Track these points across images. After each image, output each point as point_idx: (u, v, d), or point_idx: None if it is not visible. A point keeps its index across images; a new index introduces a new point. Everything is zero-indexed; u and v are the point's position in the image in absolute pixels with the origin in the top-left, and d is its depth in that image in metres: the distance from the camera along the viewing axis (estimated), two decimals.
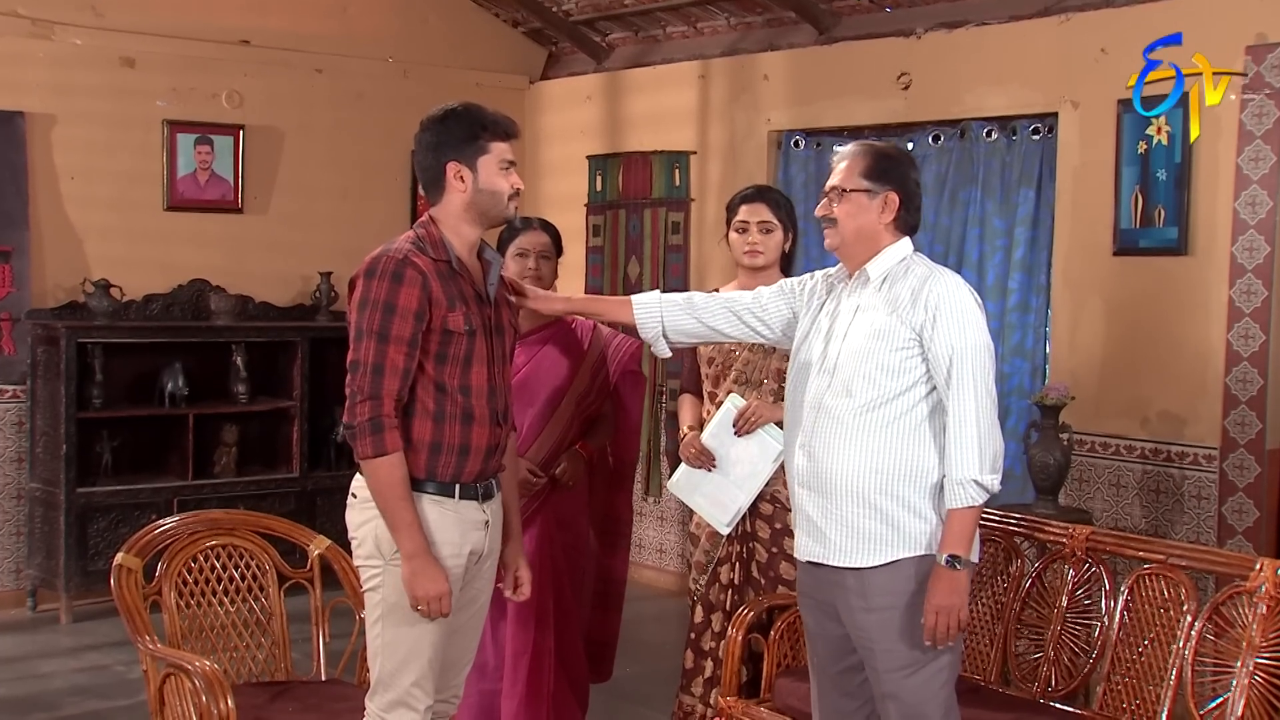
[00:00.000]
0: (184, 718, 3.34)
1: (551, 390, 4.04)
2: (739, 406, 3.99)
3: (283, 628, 3.86)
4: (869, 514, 3.03)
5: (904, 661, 3.03)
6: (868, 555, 3.04)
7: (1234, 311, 4.75)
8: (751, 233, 4.07)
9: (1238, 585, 3.49)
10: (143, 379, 6.43)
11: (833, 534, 3.07)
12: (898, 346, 3.04)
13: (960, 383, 3.00)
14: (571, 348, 4.12)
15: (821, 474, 3.08)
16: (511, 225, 4.15)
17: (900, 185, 3.15)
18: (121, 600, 3.54)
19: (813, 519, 3.12)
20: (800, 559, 3.21)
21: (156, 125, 6.55)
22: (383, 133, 7.13)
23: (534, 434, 4.02)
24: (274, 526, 3.95)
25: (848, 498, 3.05)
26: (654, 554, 7.00)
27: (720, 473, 4.01)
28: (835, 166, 3.19)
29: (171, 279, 6.58)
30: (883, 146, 3.22)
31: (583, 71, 7.44)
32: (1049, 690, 3.77)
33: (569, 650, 4.09)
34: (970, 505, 2.99)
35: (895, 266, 3.13)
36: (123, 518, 6.11)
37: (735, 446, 3.99)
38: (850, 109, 6.09)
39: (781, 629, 3.89)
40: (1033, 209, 5.46)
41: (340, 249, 6.99)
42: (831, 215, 3.16)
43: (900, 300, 3.07)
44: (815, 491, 3.10)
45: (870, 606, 3.04)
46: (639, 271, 7.02)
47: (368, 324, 3.03)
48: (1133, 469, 5.07)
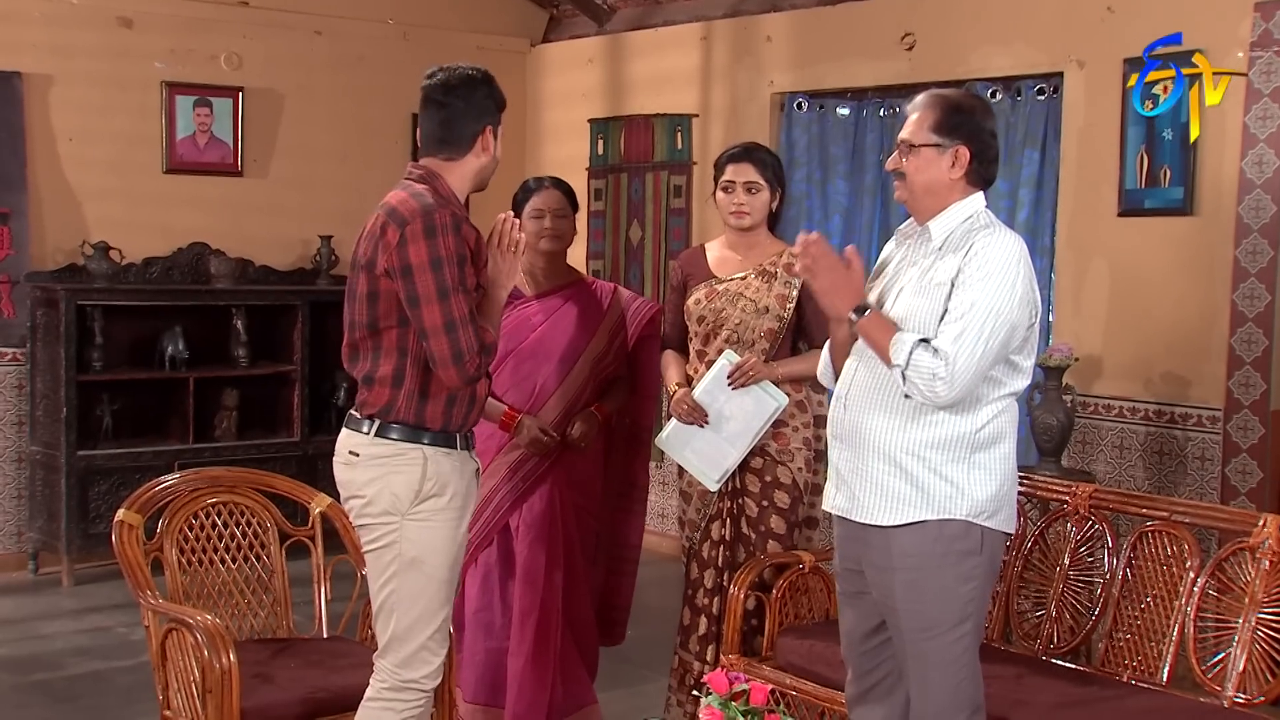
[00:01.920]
0: (186, 673, 3.36)
1: (567, 350, 4.03)
2: (734, 361, 3.99)
3: (284, 585, 3.87)
4: (895, 473, 2.98)
5: (925, 624, 2.99)
6: (892, 513, 2.99)
7: (1239, 272, 4.74)
8: (737, 193, 4.07)
9: (1241, 541, 3.51)
10: (143, 342, 6.44)
11: (859, 490, 3.04)
12: (938, 305, 2.94)
13: (965, 333, 2.86)
14: (590, 308, 4.11)
15: (853, 428, 3.05)
16: (525, 186, 4.15)
17: (972, 138, 3.02)
18: (123, 556, 3.55)
19: (842, 473, 3.09)
20: (827, 510, 3.19)
21: (155, 87, 6.53)
22: (383, 95, 7.11)
23: (547, 393, 4.02)
24: (275, 484, 3.96)
25: (875, 455, 3.01)
26: (656, 519, 7.01)
27: (712, 429, 4.01)
28: (908, 117, 3.08)
29: (171, 242, 6.58)
30: (955, 97, 3.09)
31: (584, 34, 7.41)
32: (1051, 647, 3.78)
33: (577, 612, 4.10)
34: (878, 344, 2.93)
35: (960, 225, 3.02)
36: (123, 481, 6.11)
37: (729, 402, 3.99)
38: (853, 70, 6.07)
39: (784, 587, 3.91)
40: (1037, 170, 5.45)
41: (340, 212, 6.98)
42: (901, 169, 3.06)
43: (954, 257, 2.98)
44: (846, 445, 3.07)
45: (893, 566, 3.00)
46: (641, 235, 7.01)
47: (452, 280, 3.03)
48: (1136, 431, 5.07)
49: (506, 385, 4.03)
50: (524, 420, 3.97)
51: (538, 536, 3.98)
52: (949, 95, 3.08)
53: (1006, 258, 2.93)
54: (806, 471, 4.06)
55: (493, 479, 4.03)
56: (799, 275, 3.11)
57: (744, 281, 4.07)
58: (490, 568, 4.07)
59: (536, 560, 3.97)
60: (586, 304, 4.11)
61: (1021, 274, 2.95)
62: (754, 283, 4.06)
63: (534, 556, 3.98)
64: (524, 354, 4.04)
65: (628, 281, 7.00)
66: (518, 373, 4.04)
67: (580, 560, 4.11)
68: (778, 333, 4.03)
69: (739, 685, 2.69)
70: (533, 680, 3.93)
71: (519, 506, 4.02)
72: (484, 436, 4.05)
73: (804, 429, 4.06)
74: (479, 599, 4.08)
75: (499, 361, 4.03)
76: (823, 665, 3.68)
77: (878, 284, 3.18)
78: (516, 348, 4.04)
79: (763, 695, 2.67)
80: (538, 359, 4.02)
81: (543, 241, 4.06)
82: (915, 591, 2.99)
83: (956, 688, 3.01)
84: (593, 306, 4.12)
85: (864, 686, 3.21)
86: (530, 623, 3.96)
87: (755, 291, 4.05)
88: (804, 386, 4.07)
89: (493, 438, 4.03)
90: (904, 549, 2.99)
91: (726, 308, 4.06)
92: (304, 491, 3.96)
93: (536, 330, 4.05)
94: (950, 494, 2.96)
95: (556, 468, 4.02)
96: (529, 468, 4.01)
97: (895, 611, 3.03)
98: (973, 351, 2.87)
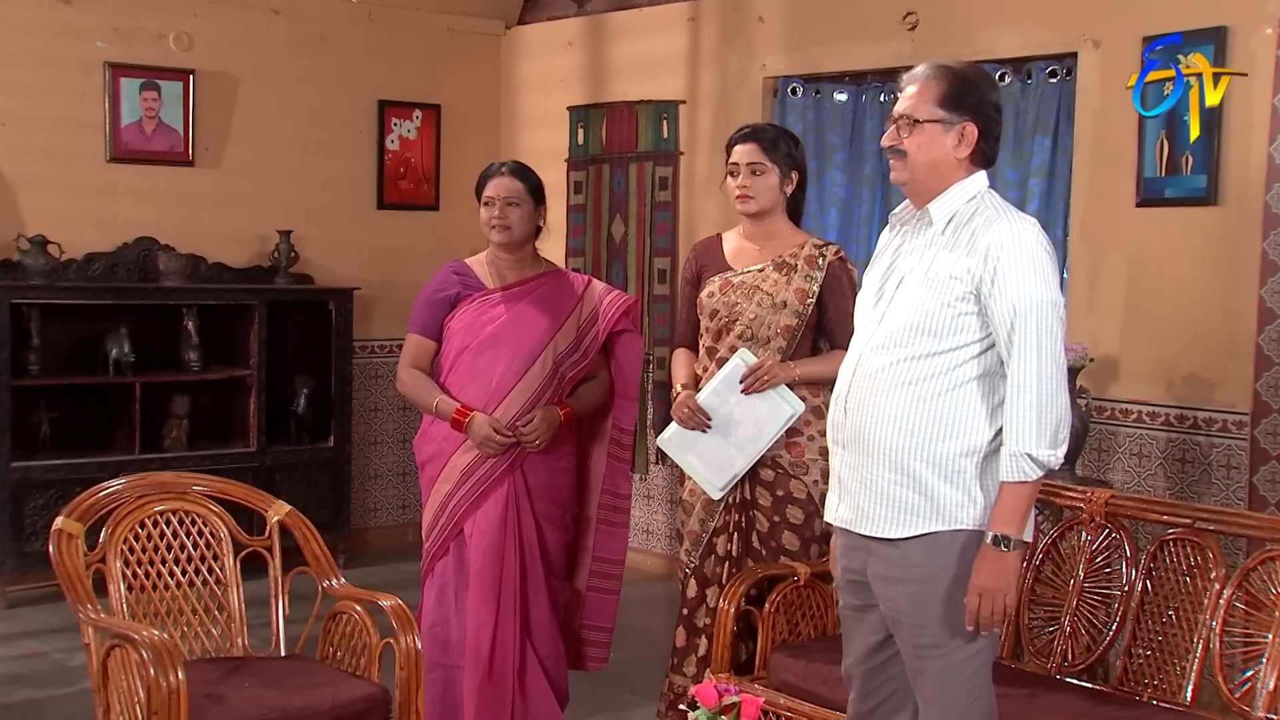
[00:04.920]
0: (130, 694, 3.33)
1: (527, 343, 4.03)
2: (750, 362, 3.98)
3: (238, 600, 3.86)
4: (904, 482, 2.96)
5: (933, 640, 2.97)
6: (898, 525, 2.98)
7: (1267, 265, 4.76)
8: (742, 175, 4.07)
9: (1270, 550, 3.52)
10: (84, 345, 6.42)
11: (864, 500, 3.02)
12: (952, 301, 2.94)
13: (1023, 344, 2.89)
14: (557, 301, 4.11)
15: (856, 432, 3.03)
16: (485, 170, 4.16)
17: (980, 114, 2.99)
18: (61, 568, 3.52)
19: (845, 481, 3.08)
20: (829, 521, 3.18)
21: (97, 68, 6.51)
22: (347, 79, 7.12)
23: (504, 390, 4.01)
24: (229, 491, 3.94)
25: (881, 460, 2.98)
26: (640, 535, 7.01)
27: (719, 433, 4.00)
28: (903, 90, 3.03)
29: (115, 237, 6.56)
30: (961, 68, 3.06)
31: (563, 15, 7.42)
32: (1065, 665, 3.79)
33: (541, 629, 4.08)
34: (1023, 480, 2.89)
35: (963, 207, 3.00)
36: (62, 494, 6.05)
37: (740, 405, 3.98)
38: (852, 52, 6.09)
39: (777, 601, 3.91)
40: (1049, 158, 5.47)
41: (300, 205, 7.00)
42: (900, 147, 3.01)
43: (960, 247, 2.95)
44: (849, 450, 3.05)
45: (900, 576, 2.99)
46: (624, 231, 7.02)
47: None
48: (1156, 437, 5.09)
49: (462, 382, 4.04)
50: (475, 417, 3.97)
51: (492, 545, 3.97)
52: (954, 66, 3.06)
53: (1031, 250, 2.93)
54: (824, 484, 4.04)
55: (447, 483, 4.03)
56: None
57: (761, 274, 4.07)
58: (446, 579, 4.08)
59: (490, 571, 3.97)
60: (554, 296, 4.12)
61: (1050, 263, 2.97)
62: (771, 275, 4.06)
63: (488, 567, 3.97)
64: (480, 347, 4.04)
65: (610, 280, 7.00)
66: (474, 367, 4.04)
67: (543, 572, 4.09)
68: (796, 330, 4.02)
69: (729, 698, 2.69)
70: (490, 701, 3.92)
71: (473, 513, 4.02)
72: (440, 437, 4.05)
73: (820, 438, 4.01)
74: (434, 612, 4.08)
75: (454, 357, 4.04)
76: (819, 684, 3.69)
77: (874, 275, 3.17)
78: (472, 341, 4.04)
79: (755, 708, 2.67)
80: (495, 352, 4.02)
81: (492, 233, 4.08)
82: (924, 605, 2.97)
83: (969, 709, 3.01)
84: (561, 298, 4.12)
85: (867, 707, 3.20)
86: (485, 640, 3.95)
87: (773, 285, 4.04)
88: (823, 391, 4.05)
89: (448, 438, 4.04)
90: (913, 560, 2.98)
91: (741, 302, 4.06)
92: (261, 498, 3.95)
93: (495, 323, 4.05)
94: (962, 502, 2.95)
95: (513, 472, 4.02)
96: (484, 471, 4.01)
97: (903, 625, 3.02)
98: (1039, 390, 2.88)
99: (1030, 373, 2.88)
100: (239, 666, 3.69)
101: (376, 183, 7.31)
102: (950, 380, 2.96)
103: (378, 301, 7.12)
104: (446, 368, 4.09)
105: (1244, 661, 3.53)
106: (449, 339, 4.09)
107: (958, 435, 2.95)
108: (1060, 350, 2.93)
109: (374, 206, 7.32)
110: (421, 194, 7.44)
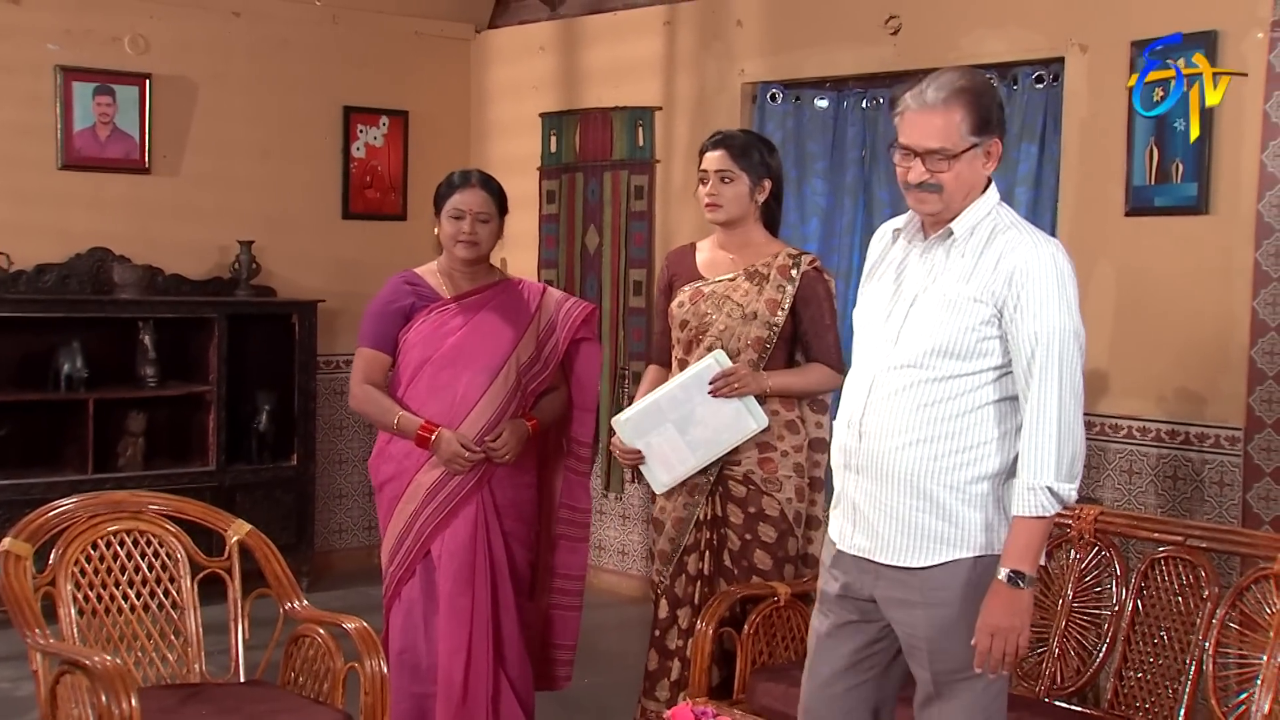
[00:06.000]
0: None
1: (490, 356, 4.04)
2: (724, 365, 3.98)
3: (196, 624, 3.83)
4: (924, 506, 2.94)
5: (956, 665, 2.95)
6: (923, 554, 2.95)
7: (1260, 276, 4.78)
8: (711, 183, 4.08)
9: (1264, 568, 3.53)
10: (34, 360, 6.37)
11: (883, 527, 2.99)
12: (976, 325, 2.92)
13: (1044, 374, 2.87)
14: (516, 310, 4.12)
15: (873, 459, 2.99)
16: (450, 180, 4.15)
17: (1002, 127, 2.98)
18: (8, 590, 3.50)
19: (859, 507, 3.03)
20: (840, 548, 3.10)
21: (48, 72, 6.47)
22: (310, 84, 7.10)
23: (469, 404, 4.01)
24: (187, 510, 3.93)
25: (901, 486, 2.96)
26: (615, 556, 6.99)
27: (676, 428, 4.01)
28: (923, 120, 2.92)
29: (68, 247, 6.52)
30: (978, 84, 2.97)
31: (535, 18, 7.43)
32: (1054, 688, 3.79)
33: (512, 652, 4.08)
34: (1040, 515, 2.87)
35: (982, 221, 2.97)
36: (10, 516, 5.97)
37: (704, 406, 3.98)
38: (833, 57, 6.11)
39: (756, 623, 3.90)
40: (1035, 166, 5.48)
41: (262, 214, 6.97)
42: (934, 181, 2.94)
43: (983, 268, 2.92)
44: (865, 476, 3.01)
45: (919, 600, 2.96)
46: (598, 242, 7.02)
47: None
48: (1147, 453, 5.10)
49: (424, 397, 4.03)
50: (442, 434, 3.96)
51: (461, 566, 3.97)
52: (973, 86, 2.96)
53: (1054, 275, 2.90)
54: (798, 502, 4.04)
55: (411, 503, 4.02)
56: None
57: (732, 284, 4.07)
58: (413, 603, 4.06)
59: (462, 593, 3.96)
60: (511, 306, 4.13)
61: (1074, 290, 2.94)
62: (743, 285, 4.06)
63: (458, 589, 3.96)
64: (441, 361, 4.03)
65: (584, 293, 7.00)
66: (435, 381, 4.03)
67: (512, 593, 4.08)
68: (766, 342, 4.02)
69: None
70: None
71: (441, 533, 4.01)
72: (400, 455, 4.04)
73: (795, 453, 4.04)
74: (402, 638, 4.07)
75: (414, 371, 4.03)
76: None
77: (879, 290, 3.11)
78: (433, 355, 4.03)
79: None
80: (457, 367, 4.01)
81: (459, 248, 4.07)
82: (946, 630, 2.95)
83: None
84: (519, 308, 4.13)
85: None
86: (458, 663, 3.94)
87: (743, 295, 4.04)
88: (797, 405, 4.06)
89: (410, 456, 4.03)
90: (934, 583, 2.96)
91: (711, 312, 4.06)
92: (219, 517, 3.92)
93: (455, 335, 4.04)
94: (984, 525, 2.94)
95: (481, 489, 4.01)
96: (450, 489, 4.00)
97: (920, 652, 2.99)
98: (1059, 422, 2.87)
99: (1051, 404, 2.87)
100: (196, 693, 3.67)
101: (341, 191, 7.28)
102: (970, 402, 2.95)
103: (342, 315, 7.08)
104: (405, 382, 4.07)
105: (1238, 684, 3.54)
106: (405, 352, 4.08)
107: (978, 460, 2.94)
108: (1079, 381, 2.92)
109: (339, 216, 7.29)
110: (388, 203, 7.42)
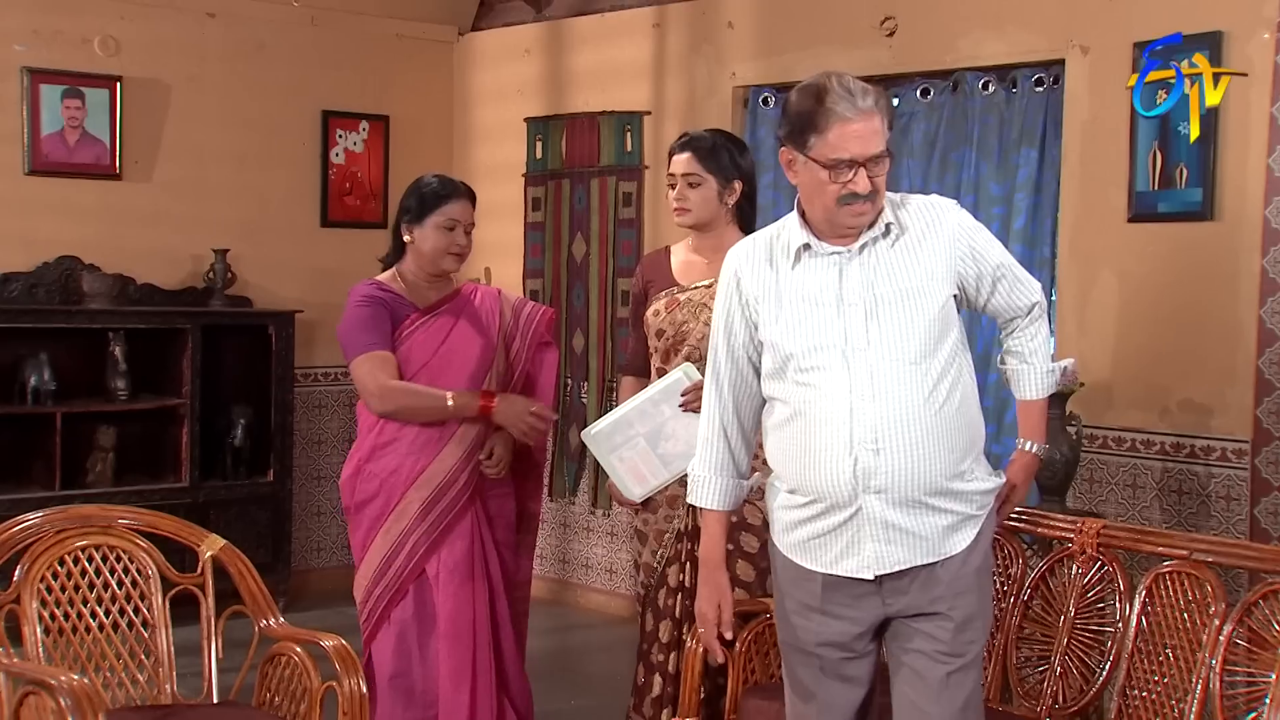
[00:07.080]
0: None
1: (473, 363, 4.07)
2: (693, 378, 3.98)
3: (167, 643, 3.82)
4: (950, 499, 3.08)
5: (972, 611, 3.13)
6: (957, 540, 3.11)
7: (1267, 284, 4.80)
8: (678, 187, 4.09)
9: (1272, 584, 3.53)
10: (0, 372, 6.35)
11: (926, 530, 3.07)
12: (945, 298, 3.07)
13: (1015, 283, 3.22)
14: (483, 317, 4.17)
15: (898, 473, 3.02)
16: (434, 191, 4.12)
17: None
18: None
19: (897, 524, 3.04)
20: (876, 574, 3.08)
21: (14, 74, 6.48)
22: (287, 88, 7.11)
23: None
24: (158, 524, 3.91)
25: (932, 493, 3.05)
26: (603, 575, 6.99)
27: (647, 442, 4.01)
28: (864, 127, 2.95)
29: (35, 255, 6.51)
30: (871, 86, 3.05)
31: (520, 21, 7.45)
32: (1056, 708, 3.79)
33: (513, 669, 4.11)
34: (1048, 394, 3.40)
35: (899, 206, 3.13)
36: None
37: (675, 419, 3.98)
38: (826, 60, 6.09)
39: (748, 640, 3.89)
40: (1035, 171, 5.50)
41: (237, 222, 6.97)
42: (875, 188, 3.01)
43: (923, 249, 3.07)
44: (890, 493, 3.02)
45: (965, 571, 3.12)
46: (585, 251, 7.02)
47: None
48: (1151, 466, 5.11)
49: None
50: (506, 397, 4.00)
51: (463, 583, 3.96)
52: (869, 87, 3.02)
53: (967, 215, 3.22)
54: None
55: (402, 520, 4.01)
56: None
57: (709, 290, 4.06)
58: (406, 624, 4.04)
59: (463, 611, 3.95)
60: (479, 312, 4.17)
61: None
62: None
63: (460, 607, 3.95)
64: (428, 375, 4.05)
65: (570, 303, 7.01)
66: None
67: (508, 608, 4.10)
68: None
69: None
70: None
71: (436, 550, 4.00)
72: (384, 473, 4.03)
73: None
74: (394, 662, 4.04)
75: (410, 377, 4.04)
76: None
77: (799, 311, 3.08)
78: (419, 369, 4.06)
79: None
80: (445, 381, 4.03)
81: (448, 260, 4.09)
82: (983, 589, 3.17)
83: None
84: (484, 314, 4.18)
85: None
86: (464, 685, 3.93)
87: None
88: None
89: (396, 473, 4.01)
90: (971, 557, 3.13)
91: (689, 320, 4.06)
92: (192, 532, 3.92)
93: (440, 347, 4.07)
94: (987, 485, 3.17)
95: (474, 502, 4.02)
96: (446, 504, 4.00)
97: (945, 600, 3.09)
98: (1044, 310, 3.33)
99: (1035, 298, 3.27)
100: (167, 715, 3.66)
101: (320, 198, 7.29)
102: (958, 377, 3.09)
103: (321, 326, 7.07)
104: None
105: (1246, 703, 3.53)
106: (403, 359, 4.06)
107: (978, 438, 3.16)
108: None
109: (317, 224, 7.30)
110: (368, 211, 7.42)
